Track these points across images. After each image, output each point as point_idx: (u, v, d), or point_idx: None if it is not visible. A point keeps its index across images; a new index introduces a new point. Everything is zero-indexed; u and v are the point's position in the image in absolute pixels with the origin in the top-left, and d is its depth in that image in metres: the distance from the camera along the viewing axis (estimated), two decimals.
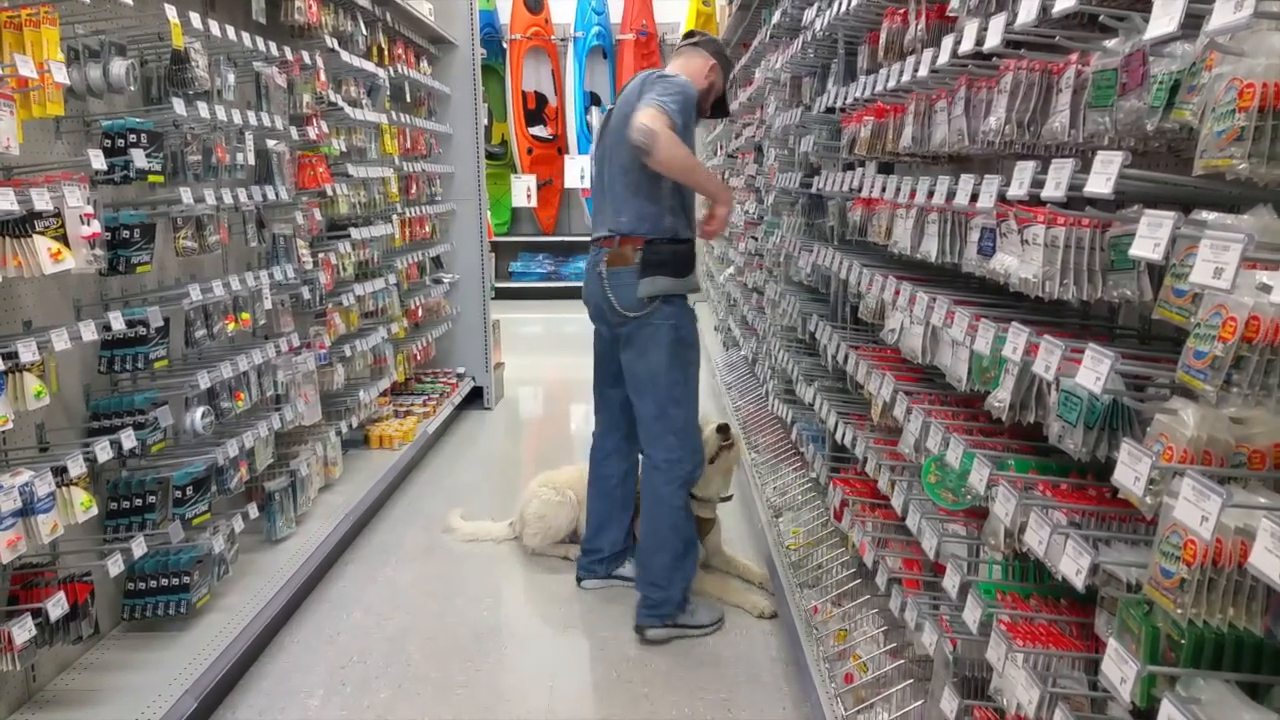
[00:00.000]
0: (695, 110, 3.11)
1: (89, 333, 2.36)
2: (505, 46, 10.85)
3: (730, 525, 4.08)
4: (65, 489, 2.26)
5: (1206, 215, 1.17)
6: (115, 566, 2.49)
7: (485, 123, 7.49)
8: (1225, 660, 1.22)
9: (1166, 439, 1.24)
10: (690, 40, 3.35)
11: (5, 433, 2.24)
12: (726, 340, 7.20)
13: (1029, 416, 1.68)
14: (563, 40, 11.01)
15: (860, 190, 2.62)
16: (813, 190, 3.42)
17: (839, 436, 2.84)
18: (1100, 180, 1.27)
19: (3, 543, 2.01)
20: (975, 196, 1.73)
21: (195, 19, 2.85)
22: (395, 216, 5.01)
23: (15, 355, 2.12)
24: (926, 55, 2.07)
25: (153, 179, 2.63)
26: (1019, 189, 1.53)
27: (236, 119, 3.05)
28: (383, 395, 4.98)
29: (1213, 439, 1.21)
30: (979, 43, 1.74)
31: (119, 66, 2.51)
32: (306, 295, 3.76)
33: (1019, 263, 1.62)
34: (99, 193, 2.52)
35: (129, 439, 2.53)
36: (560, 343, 9.20)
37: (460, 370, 6.18)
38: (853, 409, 2.90)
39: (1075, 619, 1.67)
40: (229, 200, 3.06)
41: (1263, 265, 1.06)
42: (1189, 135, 1.23)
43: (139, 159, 2.54)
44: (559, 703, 2.81)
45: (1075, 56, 1.52)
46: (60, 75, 2.21)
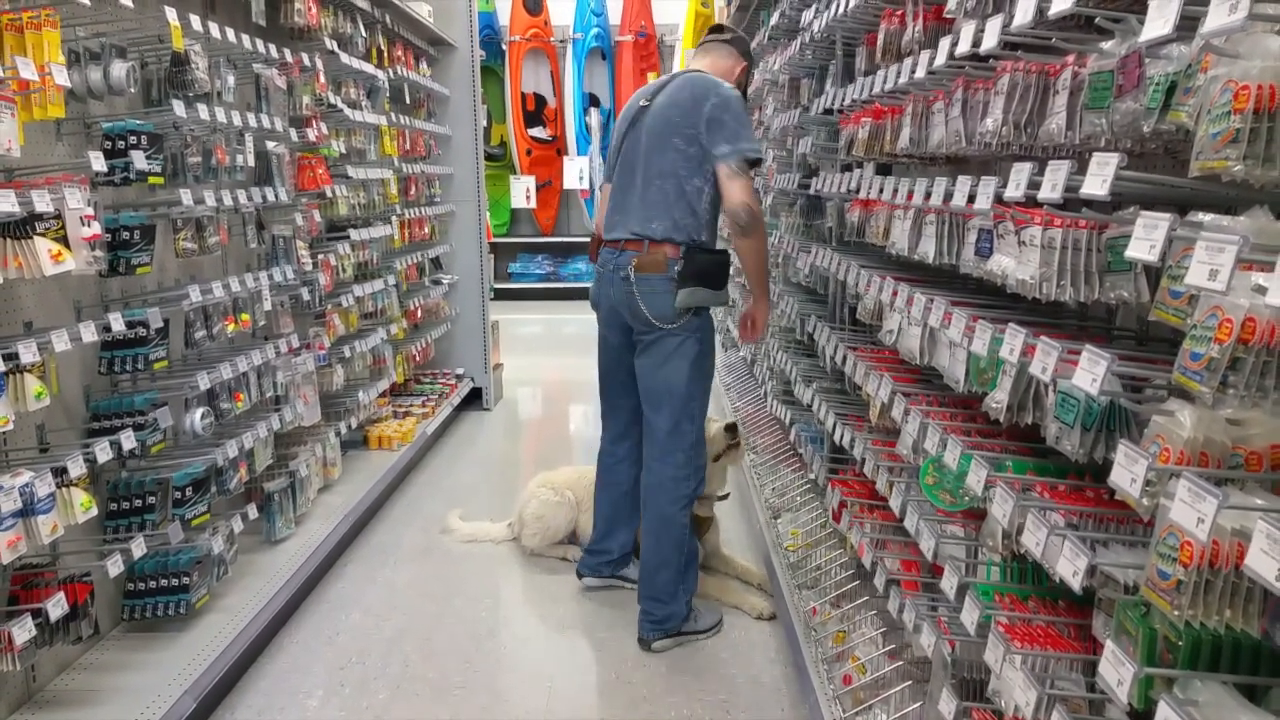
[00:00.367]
0: None
1: (89, 334, 2.36)
2: (504, 48, 10.85)
3: (729, 526, 4.08)
4: (65, 490, 2.27)
5: (1202, 217, 1.18)
6: (115, 567, 2.49)
7: (484, 124, 7.48)
8: (1223, 662, 1.23)
9: (1163, 440, 1.24)
10: (720, 36, 3.22)
11: (5, 433, 2.25)
12: (725, 341, 7.20)
13: (1027, 418, 1.69)
14: (562, 42, 11.01)
15: (858, 191, 2.63)
16: (811, 191, 3.43)
17: (837, 437, 2.85)
18: (1096, 182, 1.27)
19: (3, 543, 2.01)
20: (972, 198, 1.74)
21: (195, 21, 2.85)
22: (394, 218, 5.01)
23: (16, 356, 2.12)
24: (924, 57, 2.07)
25: (153, 181, 2.63)
26: (1016, 190, 1.54)
27: (236, 121, 3.06)
28: (382, 396, 4.98)
29: (1209, 440, 1.21)
30: (976, 44, 1.74)
31: (119, 69, 2.51)
32: (306, 296, 3.76)
33: (1016, 264, 1.62)
34: (99, 194, 2.52)
35: (129, 440, 2.54)
36: (559, 344, 9.21)
37: (459, 371, 6.19)
38: (851, 410, 2.90)
39: (1073, 620, 1.67)
40: (229, 202, 3.06)
41: (1258, 267, 1.07)
42: (1185, 137, 1.23)
43: (139, 161, 2.55)
44: (557, 704, 2.81)
45: (1072, 58, 1.53)
46: (61, 77, 2.22)
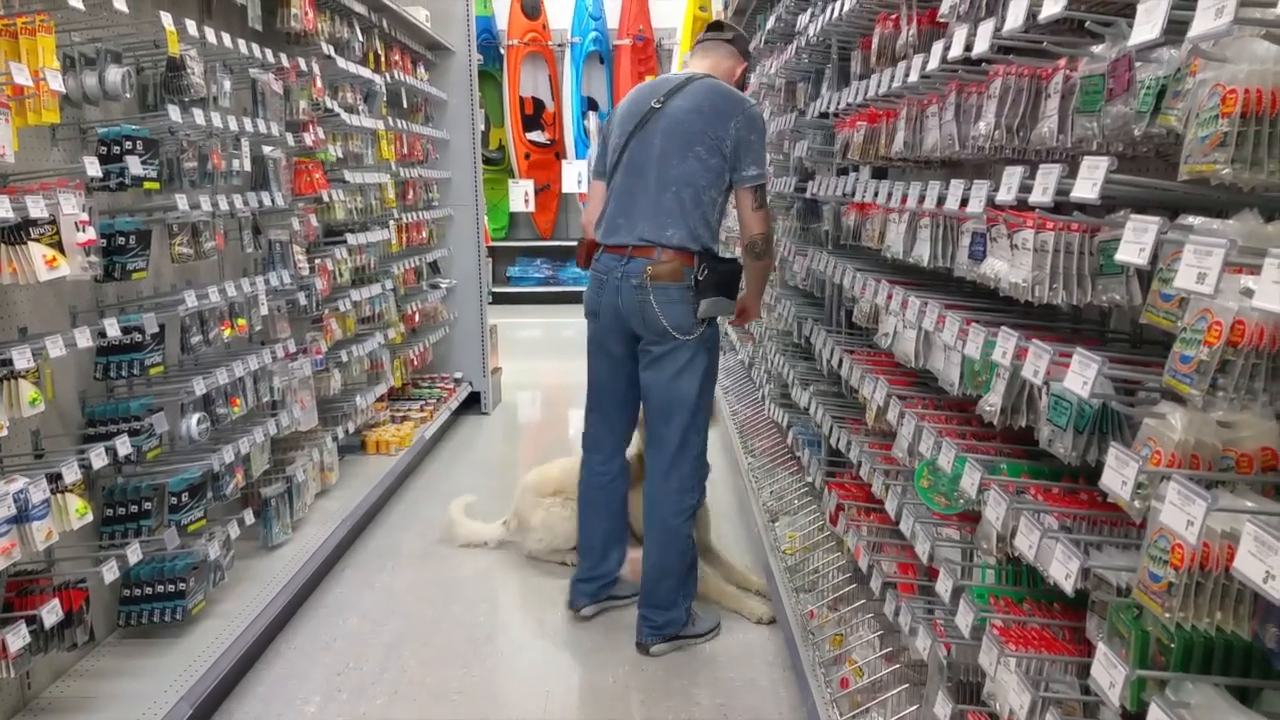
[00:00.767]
0: None
1: (84, 339, 2.36)
2: (502, 52, 10.86)
3: (727, 530, 4.08)
4: (60, 496, 2.26)
5: (1192, 220, 1.18)
6: (111, 573, 2.49)
7: (482, 128, 7.50)
8: (1214, 664, 1.23)
9: (1154, 443, 1.24)
10: (722, 35, 3.13)
11: (0, 440, 2.25)
12: (723, 345, 7.20)
13: (1020, 420, 1.69)
14: (560, 46, 11.02)
15: (854, 195, 2.63)
16: (807, 195, 3.43)
17: (834, 441, 2.85)
18: (1086, 185, 1.27)
19: None
20: (965, 201, 1.74)
21: (191, 26, 2.85)
22: (392, 222, 5.01)
23: (10, 362, 2.12)
24: (917, 60, 2.08)
25: (148, 186, 2.63)
26: (1008, 194, 1.54)
27: (232, 125, 3.06)
28: (379, 400, 4.98)
29: (1200, 443, 1.21)
30: (968, 48, 1.74)
31: (115, 74, 2.51)
32: (303, 301, 3.76)
33: (1009, 267, 1.63)
34: (95, 200, 2.52)
35: (124, 445, 2.53)
36: (558, 347, 9.20)
37: (458, 375, 6.19)
38: (848, 413, 2.90)
39: (1068, 623, 1.67)
40: (225, 207, 3.06)
41: (1248, 270, 1.07)
42: (1176, 140, 1.24)
43: (135, 166, 2.55)
44: (555, 708, 2.81)
45: (1063, 62, 1.53)
46: (56, 83, 2.22)
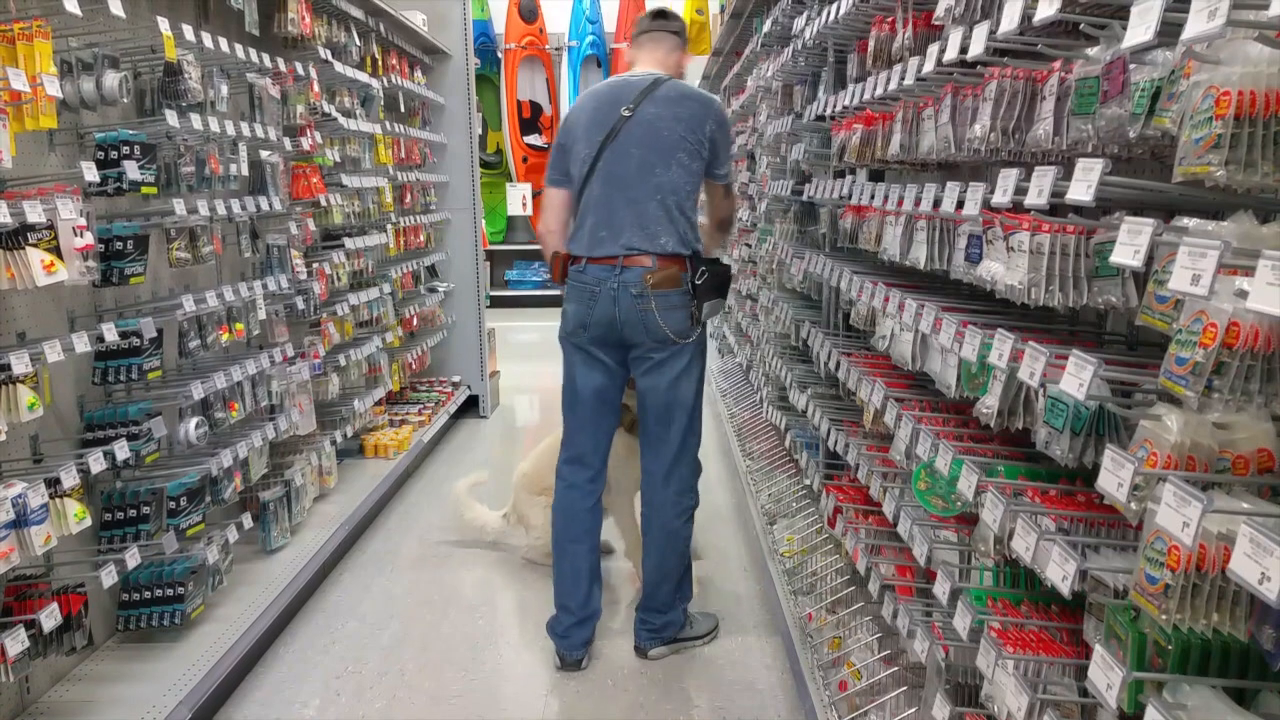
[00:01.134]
0: None
1: (82, 344, 2.36)
2: (500, 56, 10.87)
3: (725, 533, 4.09)
4: (58, 500, 2.26)
5: (1187, 222, 1.18)
6: (109, 577, 2.48)
7: (480, 132, 7.50)
8: (1212, 666, 1.23)
9: (1151, 445, 1.24)
10: (669, 25, 3.07)
11: None
12: (722, 347, 7.21)
13: (1017, 422, 1.69)
14: (557, 49, 11.03)
15: (851, 197, 2.64)
16: (804, 198, 3.44)
17: (832, 443, 2.85)
18: (1081, 188, 1.28)
19: None
20: (961, 204, 1.74)
21: (188, 31, 2.86)
22: (390, 226, 5.02)
23: (8, 367, 2.12)
24: (913, 63, 2.08)
25: (146, 190, 2.63)
26: (1003, 196, 1.55)
27: (230, 130, 3.06)
28: (378, 404, 4.98)
29: (1196, 444, 1.21)
30: (964, 51, 1.75)
31: (112, 79, 2.52)
32: (301, 305, 3.76)
33: (1005, 269, 1.63)
34: (92, 204, 2.52)
35: (123, 450, 2.53)
36: (556, 351, 9.18)
37: (456, 379, 6.18)
38: (845, 416, 2.90)
39: (1066, 625, 1.67)
40: (222, 211, 3.06)
41: (1243, 271, 1.07)
42: (1171, 142, 1.24)
43: (132, 171, 2.55)
44: (553, 712, 2.80)
45: (1058, 64, 1.53)
46: (53, 88, 2.22)
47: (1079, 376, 1.31)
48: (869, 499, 2.56)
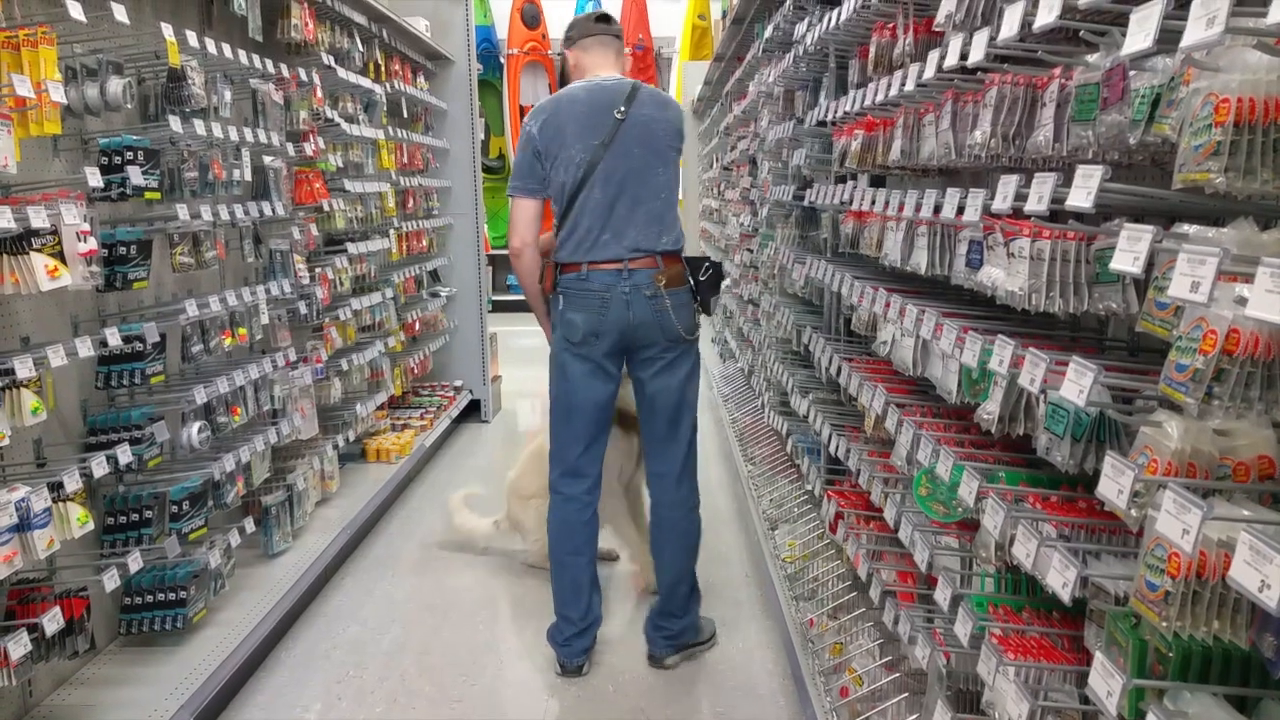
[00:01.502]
0: None
1: (86, 349, 2.37)
2: (502, 61, 10.89)
3: (727, 537, 4.08)
4: (62, 504, 2.27)
5: (1187, 228, 1.19)
6: (111, 581, 2.49)
7: (482, 137, 7.52)
8: (1212, 673, 1.23)
9: (1151, 451, 1.25)
10: (613, 29, 3.03)
11: (2, 448, 2.25)
12: (724, 352, 7.21)
13: (1018, 429, 1.69)
14: (560, 55, 11.03)
15: (852, 203, 2.64)
16: (806, 203, 3.44)
17: (833, 449, 2.85)
18: (1081, 194, 1.28)
19: None
20: (962, 210, 1.75)
21: (192, 37, 2.87)
22: (392, 231, 5.02)
23: (12, 371, 2.13)
24: (914, 69, 2.08)
25: (149, 196, 2.64)
26: (1003, 203, 1.55)
27: (233, 135, 3.07)
28: (380, 409, 4.98)
29: (1196, 451, 1.21)
30: (964, 57, 1.75)
31: (116, 85, 2.52)
32: (303, 310, 3.77)
33: (1005, 275, 1.63)
34: (96, 210, 2.53)
35: (125, 454, 2.54)
36: None
37: (458, 383, 6.19)
38: (847, 421, 2.90)
39: (1067, 632, 1.67)
40: (226, 216, 3.07)
41: (1242, 278, 1.07)
42: (1170, 149, 1.24)
43: (136, 176, 2.56)
44: (554, 717, 2.80)
45: (1058, 71, 1.53)
46: (57, 94, 2.23)
47: (1079, 383, 1.31)
48: (870, 505, 2.56)
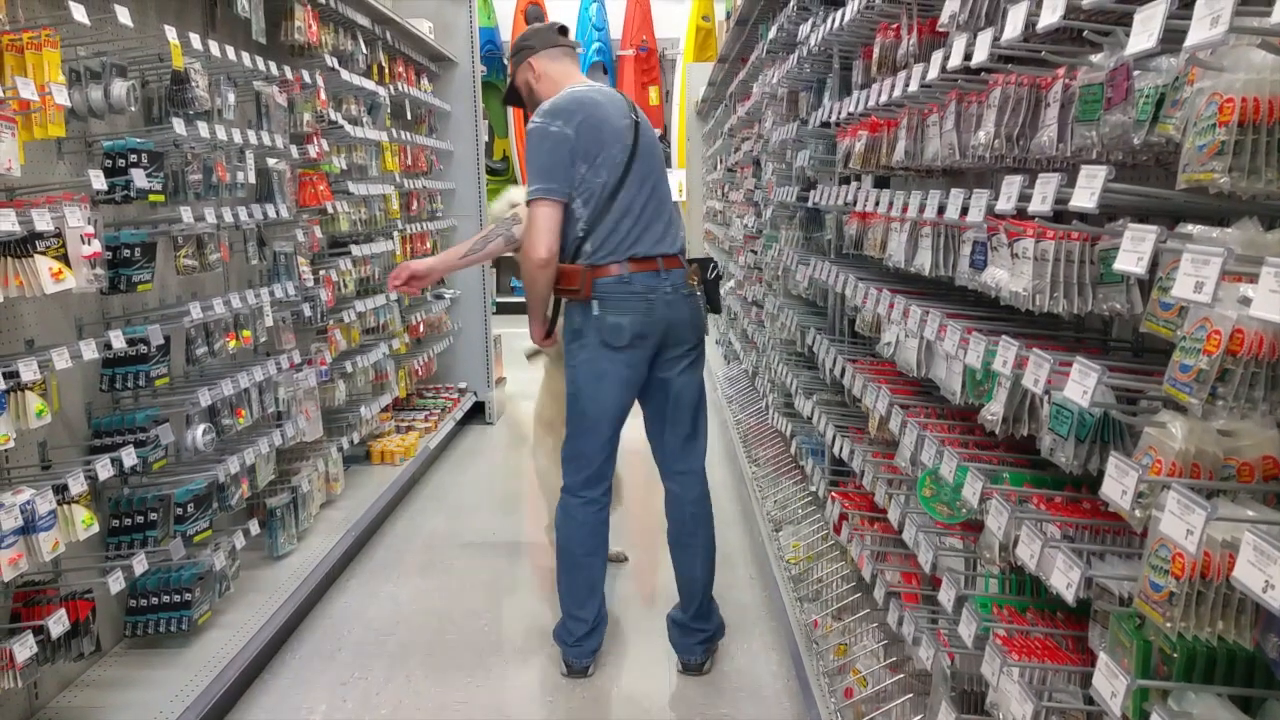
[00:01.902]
0: None
1: (90, 351, 2.37)
2: (506, 63, 10.88)
3: (731, 538, 4.08)
4: (66, 507, 2.27)
5: (1191, 229, 1.18)
6: (117, 584, 2.49)
7: (486, 139, 7.53)
8: (1217, 674, 1.22)
9: (1155, 452, 1.24)
10: (573, 43, 3.05)
11: (7, 451, 2.26)
12: (728, 354, 7.21)
13: (1022, 430, 1.69)
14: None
15: (856, 204, 2.63)
16: (809, 204, 3.44)
17: (837, 450, 2.85)
18: (1085, 194, 1.28)
19: (4, 560, 2.02)
20: (966, 210, 1.74)
21: (195, 40, 2.87)
22: (396, 233, 5.03)
23: (17, 374, 2.13)
24: (918, 70, 2.08)
25: (153, 198, 2.65)
26: (1007, 203, 1.54)
27: (237, 138, 3.08)
28: (384, 411, 4.99)
29: (1201, 452, 1.21)
30: (968, 57, 1.75)
31: (120, 87, 2.53)
32: (308, 312, 3.78)
33: (1009, 276, 1.63)
34: (100, 212, 2.54)
35: (130, 456, 2.54)
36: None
37: (462, 385, 6.19)
38: (851, 422, 2.90)
39: (1071, 633, 1.66)
40: (230, 218, 3.07)
41: (1247, 279, 1.07)
42: (1175, 149, 1.24)
43: (140, 179, 2.56)
44: (560, 719, 2.80)
45: (1062, 71, 1.53)
46: (61, 97, 2.23)
47: (1083, 384, 1.30)
48: (874, 506, 2.55)
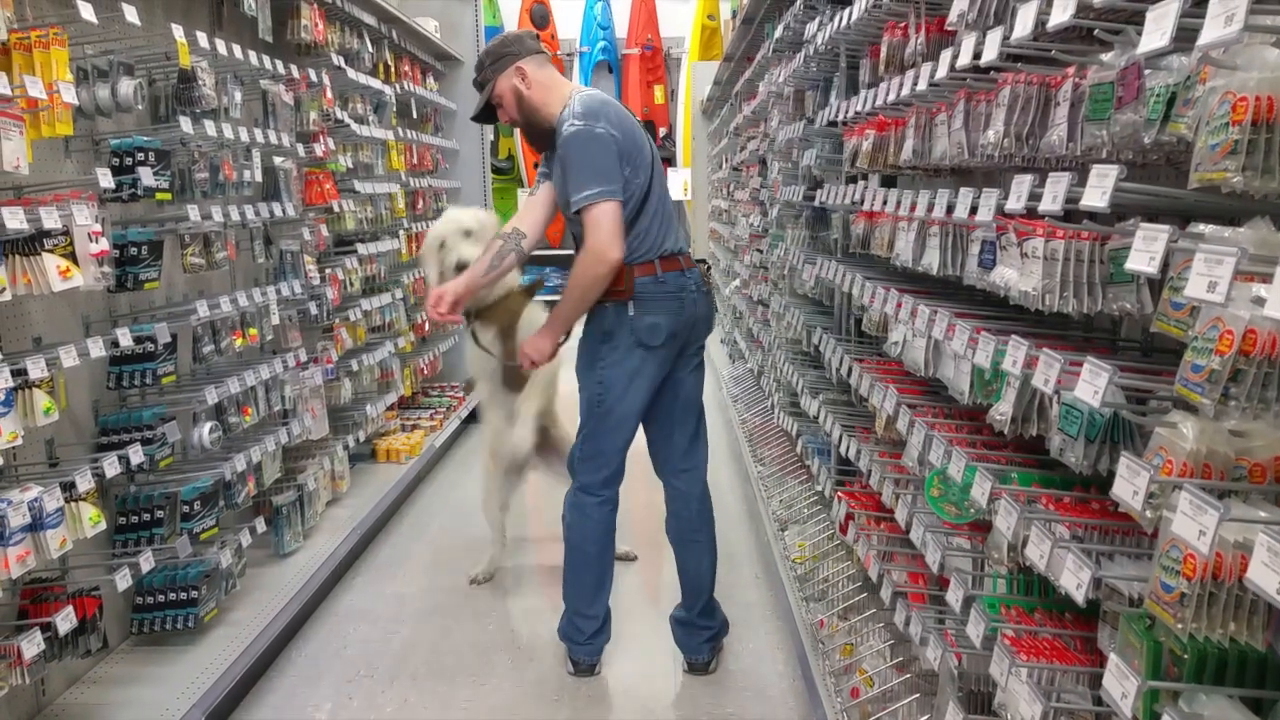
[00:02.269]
0: None
1: (97, 349, 2.38)
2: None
3: (737, 538, 4.08)
4: (74, 504, 2.28)
5: (1203, 228, 1.18)
6: (124, 581, 2.50)
7: (492, 138, 7.52)
8: (1228, 675, 1.22)
9: (1166, 452, 1.24)
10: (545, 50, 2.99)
11: (14, 449, 2.26)
12: (733, 353, 7.20)
13: (1031, 430, 1.68)
14: (568, 55, 11.04)
15: (863, 203, 2.63)
16: (816, 203, 3.43)
17: (844, 449, 2.84)
18: (1096, 194, 1.27)
19: (12, 558, 2.02)
20: (974, 210, 1.74)
21: (202, 38, 2.88)
22: (402, 232, 5.04)
23: (25, 372, 2.14)
24: (926, 69, 2.08)
25: (160, 196, 2.65)
26: (1017, 202, 1.54)
27: (243, 136, 3.08)
28: (390, 409, 4.99)
29: (1212, 452, 1.20)
30: (977, 56, 1.74)
31: (127, 86, 2.53)
32: (314, 310, 3.78)
33: (1019, 275, 1.62)
34: (107, 210, 2.54)
35: (137, 454, 2.55)
36: (567, 355, 9.20)
37: (467, 383, 6.19)
38: (857, 422, 2.89)
39: (1080, 633, 1.65)
40: (236, 217, 3.08)
41: (1259, 278, 1.06)
42: (1186, 148, 1.23)
43: (147, 177, 2.57)
44: (564, 718, 2.80)
45: (1072, 70, 1.53)
46: (69, 95, 2.24)
47: (1093, 383, 1.30)
48: (881, 505, 2.55)
